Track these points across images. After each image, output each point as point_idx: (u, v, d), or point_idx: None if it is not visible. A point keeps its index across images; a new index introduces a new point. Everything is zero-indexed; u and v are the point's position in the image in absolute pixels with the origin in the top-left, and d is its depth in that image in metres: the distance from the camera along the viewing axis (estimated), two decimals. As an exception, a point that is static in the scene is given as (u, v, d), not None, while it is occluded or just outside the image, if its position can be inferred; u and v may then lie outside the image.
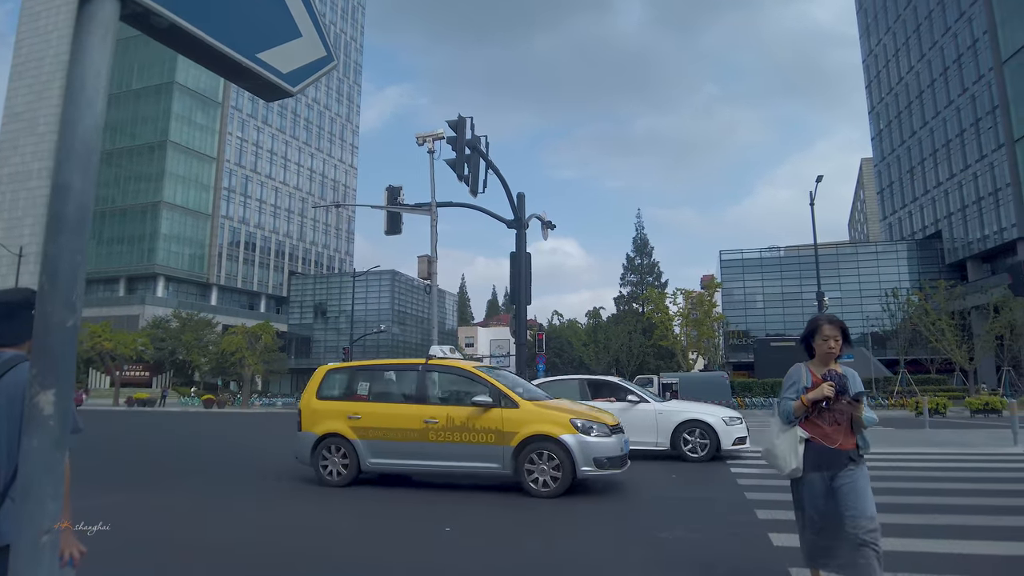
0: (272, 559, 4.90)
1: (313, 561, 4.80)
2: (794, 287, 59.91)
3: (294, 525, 6.02)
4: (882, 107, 66.65)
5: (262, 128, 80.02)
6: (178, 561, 4.81)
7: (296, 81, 1.66)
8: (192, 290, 71.93)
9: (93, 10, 1.22)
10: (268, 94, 1.65)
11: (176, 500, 7.50)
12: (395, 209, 16.33)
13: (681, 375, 31.94)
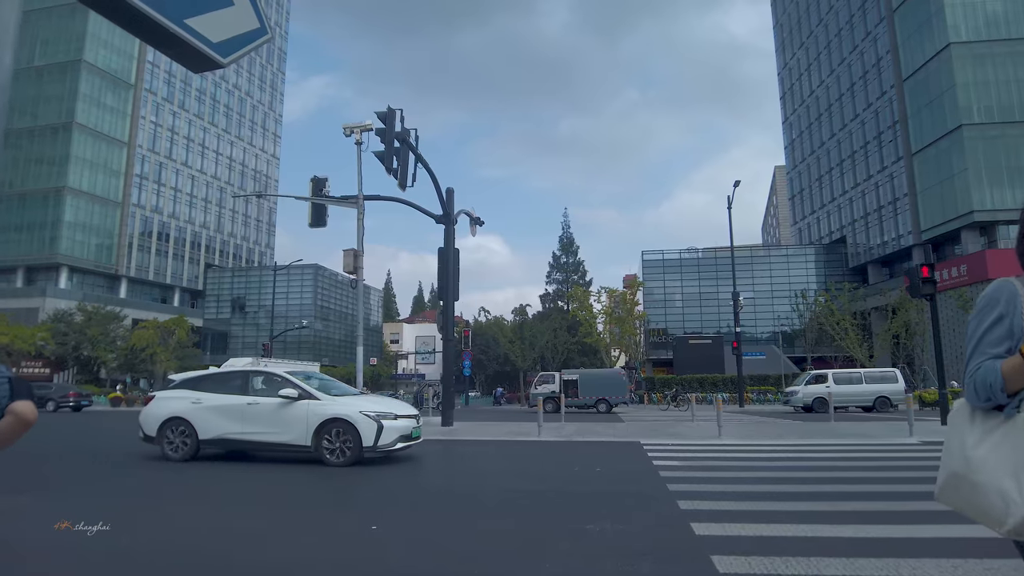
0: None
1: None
2: (711, 287, 62.30)
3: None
4: (795, 118, 70.10)
5: (178, 113, 76.18)
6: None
7: (227, 52, 1.57)
8: (99, 282, 67.74)
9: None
10: (196, 64, 1.55)
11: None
12: (320, 201, 15.89)
13: (580, 371, 32.61)
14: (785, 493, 6.91)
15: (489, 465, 10.48)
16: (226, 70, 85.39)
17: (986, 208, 42.79)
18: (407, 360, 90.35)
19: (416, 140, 14.53)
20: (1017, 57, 43.88)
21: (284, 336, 65.99)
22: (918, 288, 16.08)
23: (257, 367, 13.24)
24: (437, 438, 14.63)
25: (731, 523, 5.41)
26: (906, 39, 49.38)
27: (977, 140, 43.27)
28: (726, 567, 4.19)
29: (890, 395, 26.34)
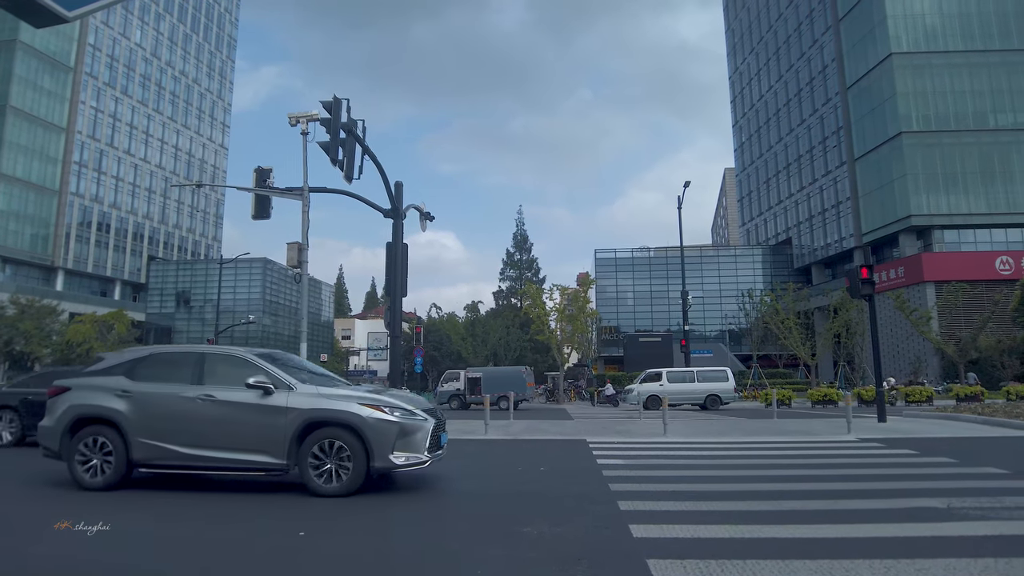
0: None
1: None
2: (661, 286, 63.27)
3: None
4: (744, 121, 71.67)
5: (121, 99, 73.28)
6: None
7: (72, 5, 1.36)
8: (34, 273, 64.69)
9: None
10: (34, 17, 1.34)
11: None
12: (263, 192, 15.38)
13: (484, 370, 33.30)
14: (725, 492, 6.92)
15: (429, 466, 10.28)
16: (172, 55, 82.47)
17: (923, 213, 44.51)
18: (359, 356, 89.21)
19: (363, 131, 14.19)
20: (953, 69, 45.74)
21: (231, 331, 64.24)
22: (858, 289, 16.50)
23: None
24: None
25: (670, 524, 5.36)
26: (850, 48, 50.96)
27: (915, 147, 44.96)
28: (661, 571, 4.11)
29: (720, 393, 27.47)
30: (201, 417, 6.98)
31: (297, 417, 6.82)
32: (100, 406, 7.17)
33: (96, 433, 7.11)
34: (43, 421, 7.39)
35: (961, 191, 44.65)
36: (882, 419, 15.68)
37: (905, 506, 5.97)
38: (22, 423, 12.03)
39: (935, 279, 41.51)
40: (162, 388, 7.18)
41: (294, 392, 6.97)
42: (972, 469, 8.31)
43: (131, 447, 7.01)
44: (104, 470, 7.04)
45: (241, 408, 6.97)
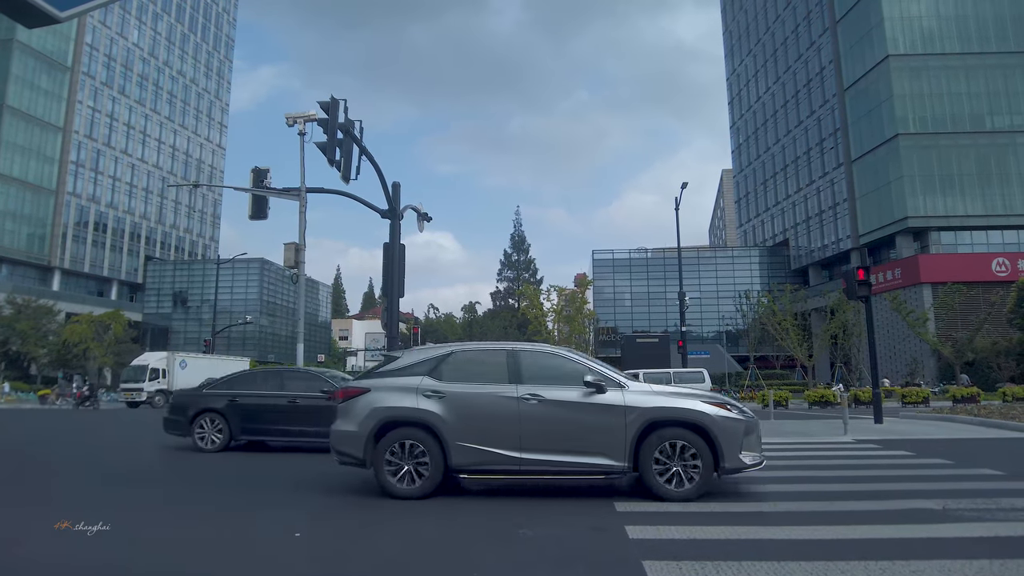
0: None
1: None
2: (659, 287, 63.32)
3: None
4: (742, 123, 71.77)
5: (118, 99, 73.13)
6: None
7: (64, 5, 1.36)
8: (30, 273, 64.50)
9: None
10: (25, 17, 1.34)
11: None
12: (260, 192, 15.38)
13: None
14: (721, 493, 6.92)
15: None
16: (170, 55, 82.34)
17: (919, 215, 44.62)
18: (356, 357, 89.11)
19: (361, 132, 14.19)
20: (950, 71, 45.87)
21: (228, 332, 64.19)
22: (855, 290, 16.53)
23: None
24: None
25: (666, 526, 5.35)
26: (848, 50, 51.07)
27: (912, 149, 45.07)
28: (656, 573, 4.11)
29: None
30: (529, 418, 6.55)
31: (638, 417, 6.45)
32: (412, 408, 6.68)
33: (406, 437, 6.61)
34: (338, 426, 6.90)
35: (958, 193, 44.78)
36: (879, 420, 15.72)
37: (901, 507, 5.98)
38: (229, 427, 11.76)
39: (932, 280, 41.60)
40: (478, 388, 6.75)
41: (628, 390, 6.66)
42: (968, 471, 8.32)
43: (449, 452, 6.55)
44: (418, 478, 6.57)
45: (574, 408, 6.58)
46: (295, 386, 11.80)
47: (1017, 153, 44.72)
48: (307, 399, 11.44)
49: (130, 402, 36.91)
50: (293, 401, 11.53)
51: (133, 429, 19.16)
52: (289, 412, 11.49)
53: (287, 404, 11.54)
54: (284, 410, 11.52)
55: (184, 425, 11.98)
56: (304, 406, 11.43)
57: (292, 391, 11.66)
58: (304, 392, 11.57)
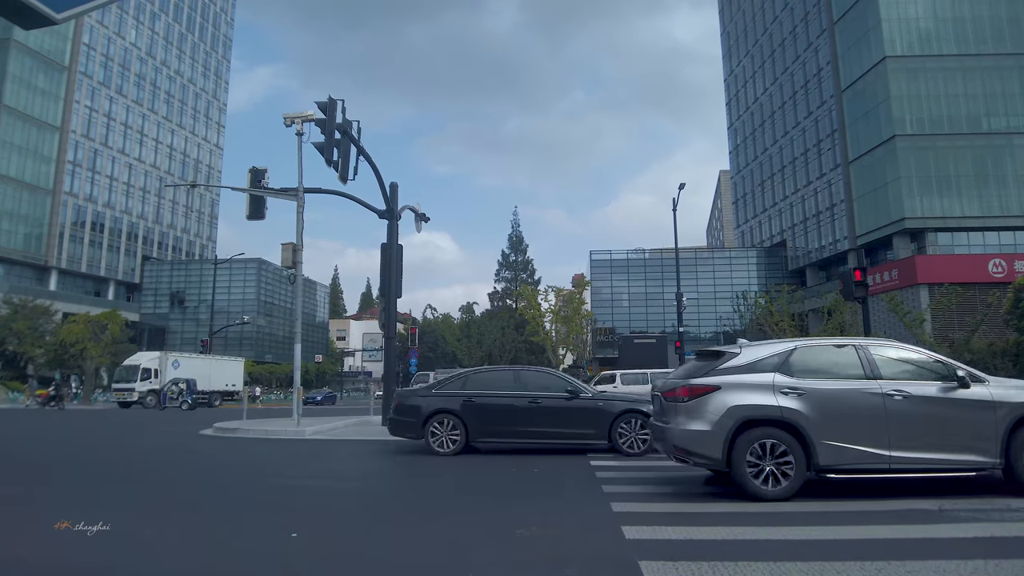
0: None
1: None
2: (656, 287, 63.37)
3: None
4: (739, 124, 71.84)
5: (115, 98, 73.00)
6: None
7: (61, 7, 1.36)
8: (27, 273, 64.35)
9: None
10: (21, 18, 1.34)
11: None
12: (257, 192, 15.36)
13: (446, 372, 35.27)
14: (719, 493, 6.93)
15: (424, 467, 10.26)
16: (167, 55, 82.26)
17: (916, 215, 44.68)
18: (354, 357, 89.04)
19: (358, 132, 14.19)
20: (947, 72, 45.94)
21: (225, 332, 64.11)
22: (851, 291, 16.55)
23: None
24: (378, 439, 14.26)
25: (663, 526, 5.36)
26: (845, 51, 51.15)
27: (909, 150, 45.13)
28: (653, 573, 4.12)
29: None
30: (897, 414, 6.42)
31: (1009, 412, 6.38)
32: (773, 406, 6.45)
33: (767, 437, 6.39)
34: (687, 425, 6.58)
35: (955, 194, 44.85)
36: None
37: (896, 508, 5.99)
38: (466, 429, 11.12)
39: (928, 281, 41.65)
40: (836, 384, 6.59)
41: (990, 385, 6.59)
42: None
43: (814, 451, 6.35)
44: (782, 478, 6.35)
45: (941, 404, 6.48)
46: (535, 385, 11.32)
47: (1013, 154, 44.81)
48: (549, 399, 11.00)
49: (122, 402, 36.80)
50: (535, 401, 10.99)
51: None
52: (531, 413, 10.95)
53: (528, 404, 10.98)
54: (525, 411, 10.96)
55: (416, 427, 11.36)
56: (547, 407, 10.94)
57: (532, 390, 11.15)
58: (545, 392, 11.11)
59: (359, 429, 16.47)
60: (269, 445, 13.41)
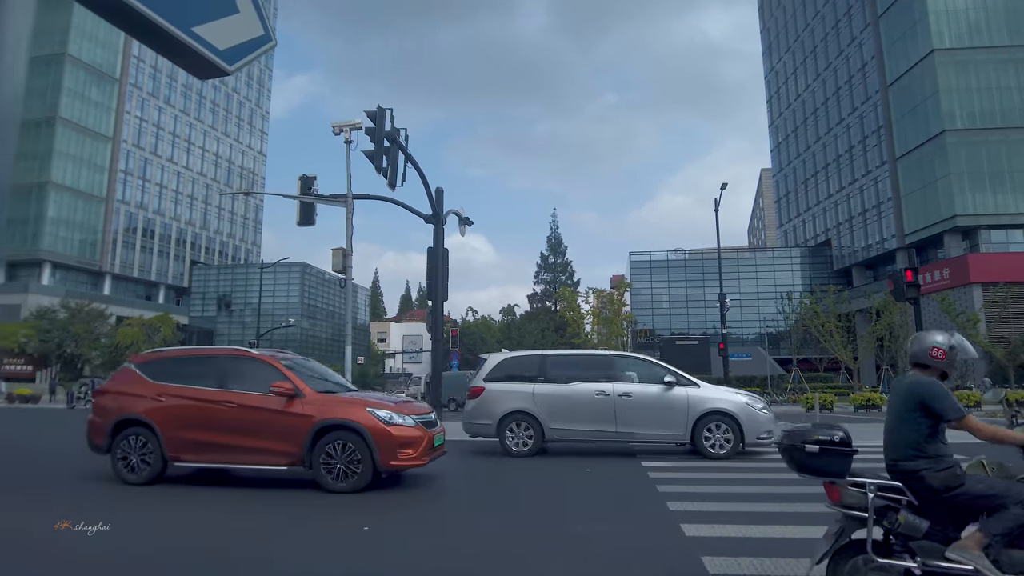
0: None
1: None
2: (697, 288, 62.63)
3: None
4: (781, 122, 70.61)
5: (164, 108, 75.42)
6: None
7: (232, 59, 1.58)
8: (83, 278, 66.90)
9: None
10: (202, 71, 1.56)
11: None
12: (309, 199, 15.82)
13: (446, 374, 35.34)
14: (774, 494, 6.97)
15: (475, 466, 10.47)
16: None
17: (968, 213, 43.35)
18: (394, 359, 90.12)
19: (406, 139, 14.52)
20: (998, 64, 44.48)
21: (271, 334, 65.56)
22: (902, 291, 16.23)
23: None
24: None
25: (720, 524, 5.46)
26: (890, 45, 49.90)
27: (959, 146, 43.81)
28: (716, 568, 4.23)
29: None
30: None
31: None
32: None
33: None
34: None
35: (1008, 190, 43.35)
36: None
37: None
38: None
39: (982, 280, 40.38)
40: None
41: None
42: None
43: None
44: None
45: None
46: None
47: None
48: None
49: None
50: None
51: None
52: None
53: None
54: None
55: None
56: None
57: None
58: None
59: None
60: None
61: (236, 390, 7.77)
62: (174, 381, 8.00)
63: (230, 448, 7.54)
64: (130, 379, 8.31)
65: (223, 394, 7.74)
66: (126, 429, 7.91)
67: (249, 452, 7.52)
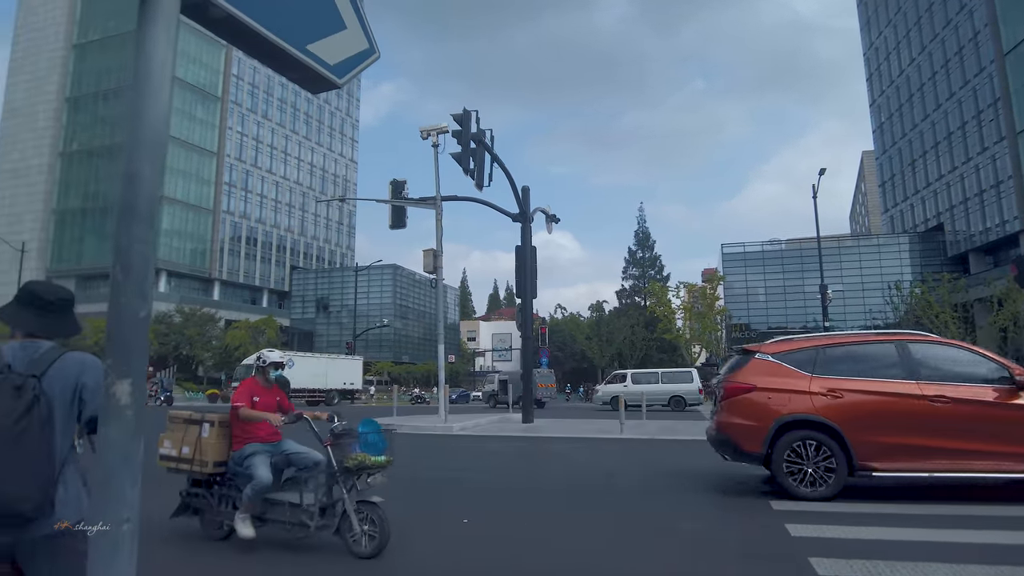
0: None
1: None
2: (796, 280, 59.88)
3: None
4: (883, 100, 66.46)
5: (262, 123, 79.84)
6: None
7: (342, 73, 1.67)
8: (194, 285, 71.90)
9: (156, 1, 1.23)
10: (314, 86, 1.66)
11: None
12: (401, 203, 16.29)
13: (509, 374, 36.32)
14: (880, 495, 6.61)
15: (577, 460, 10.49)
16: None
17: (1104, 189, 39.34)
18: (484, 357, 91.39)
19: (491, 140, 14.70)
20: None
21: (366, 335, 68.06)
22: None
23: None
24: (521, 435, 14.72)
25: (826, 524, 5.26)
26: (1006, 10, 45.89)
27: (1090, 116, 39.82)
28: (826, 569, 4.07)
29: (684, 395, 27.78)
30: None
31: None
32: None
33: None
34: None
35: None
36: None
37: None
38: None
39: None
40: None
41: None
42: None
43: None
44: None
45: None
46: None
47: None
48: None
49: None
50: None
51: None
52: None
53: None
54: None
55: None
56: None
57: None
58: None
59: (501, 426, 17.04)
60: (425, 440, 14.19)
61: (937, 381, 6.40)
62: (842, 374, 6.68)
63: (942, 452, 6.16)
64: (773, 371, 6.89)
65: (929, 387, 6.35)
66: (789, 432, 6.54)
67: (971, 457, 6.12)
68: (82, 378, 2.04)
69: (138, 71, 1.21)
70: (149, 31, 1.22)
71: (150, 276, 1.15)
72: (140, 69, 1.21)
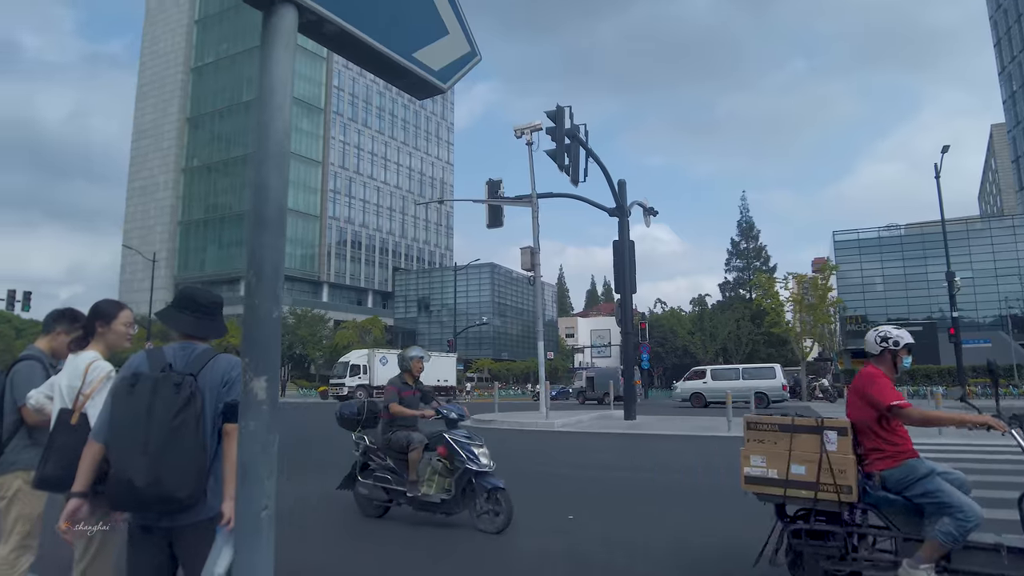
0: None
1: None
2: (918, 267, 55.55)
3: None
4: (1013, 67, 60.64)
5: (362, 131, 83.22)
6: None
7: (446, 77, 1.72)
8: (305, 288, 75.98)
9: (276, 22, 1.31)
10: (420, 92, 1.72)
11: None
12: (497, 202, 16.50)
13: (596, 370, 36.61)
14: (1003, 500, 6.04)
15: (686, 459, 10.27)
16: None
17: None
18: (583, 354, 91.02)
19: (586, 135, 14.61)
20: None
21: (466, 333, 69.46)
22: None
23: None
24: (623, 432, 14.56)
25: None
26: None
27: None
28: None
29: (767, 391, 26.56)
30: None
31: None
32: None
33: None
34: None
35: None
36: None
37: None
38: None
39: None
40: None
41: None
42: None
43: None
44: None
45: None
46: None
47: None
48: None
49: (337, 396, 39.13)
50: None
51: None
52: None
53: None
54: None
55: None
56: None
57: None
58: None
59: (603, 423, 16.92)
60: (526, 436, 14.33)
61: None
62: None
63: None
64: None
65: None
66: None
67: None
68: (229, 375, 2.23)
69: (262, 89, 1.29)
70: (271, 51, 1.30)
71: (280, 279, 1.23)
72: (264, 87, 1.29)
